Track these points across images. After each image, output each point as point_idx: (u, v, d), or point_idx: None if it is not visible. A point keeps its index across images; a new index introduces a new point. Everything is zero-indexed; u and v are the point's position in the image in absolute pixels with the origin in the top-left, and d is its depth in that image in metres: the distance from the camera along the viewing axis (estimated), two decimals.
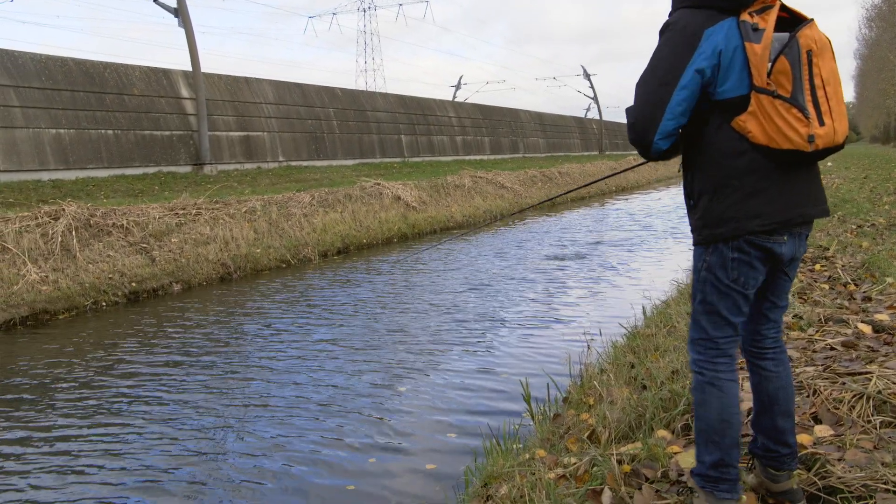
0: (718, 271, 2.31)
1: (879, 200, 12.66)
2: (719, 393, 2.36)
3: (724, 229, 2.26)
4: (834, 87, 2.17)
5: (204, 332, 7.64)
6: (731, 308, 2.34)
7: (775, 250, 2.27)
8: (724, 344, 2.37)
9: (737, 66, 2.17)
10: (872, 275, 6.11)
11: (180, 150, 20.46)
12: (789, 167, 2.23)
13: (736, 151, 2.21)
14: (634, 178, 33.92)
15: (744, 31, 2.16)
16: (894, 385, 3.18)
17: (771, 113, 2.13)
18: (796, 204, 2.27)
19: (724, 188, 2.25)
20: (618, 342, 5.51)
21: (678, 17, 2.25)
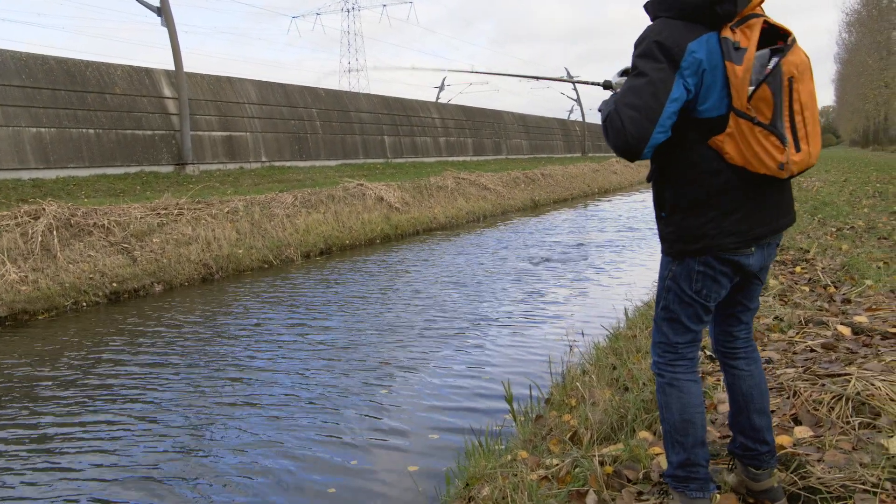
0: (683, 283, 2.35)
1: (858, 203, 12.79)
2: (679, 393, 2.41)
3: (698, 245, 2.28)
4: (812, 111, 2.17)
5: (186, 332, 7.60)
6: (692, 317, 2.38)
7: (743, 262, 2.30)
8: (682, 348, 2.42)
9: (717, 85, 2.17)
10: (852, 277, 6.18)
11: (162, 150, 20.34)
12: (763, 186, 2.24)
13: (712, 170, 2.22)
14: (617, 180, 34.09)
15: (725, 49, 2.14)
16: (873, 387, 3.21)
17: (749, 138, 2.14)
18: (768, 219, 2.30)
19: (699, 206, 2.26)
20: (600, 344, 5.53)
21: (660, 27, 2.21)
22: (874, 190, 15.68)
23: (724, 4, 2.14)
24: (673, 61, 2.14)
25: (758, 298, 2.53)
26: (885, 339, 4.15)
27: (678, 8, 2.20)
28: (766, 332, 4.64)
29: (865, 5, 69.37)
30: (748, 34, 2.14)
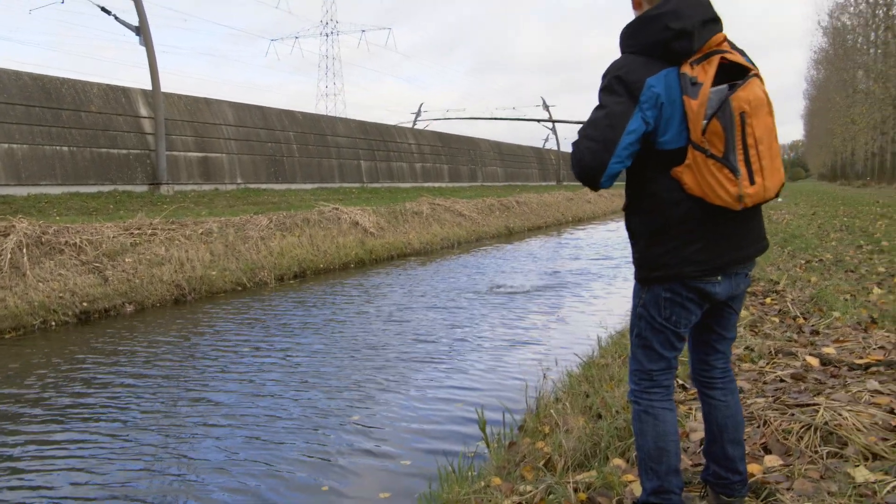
0: (652, 310, 2.42)
1: (827, 237, 13.02)
2: (654, 421, 2.46)
3: (659, 273, 2.37)
4: (768, 144, 2.23)
5: (159, 352, 7.53)
6: (664, 344, 2.44)
7: (709, 290, 2.36)
8: (657, 375, 2.48)
9: (676, 118, 2.25)
10: (820, 309, 6.29)
11: (137, 169, 20.22)
12: (725, 216, 2.30)
13: (673, 200, 2.30)
14: (591, 209, 34.38)
15: (683, 84, 2.23)
16: (840, 417, 3.27)
17: (703, 170, 2.22)
18: (731, 249, 2.36)
19: (661, 234, 2.35)
20: (573, 371, 5.56)
21: (623, 62, 2.32)
22: (841, 223, 15.97)
23: (681, 42, 2.24)
24: (632, 95, 2.24)
25: (734, 328, 2.58)
26: (852, 370, 4.23)
27: (640, 45, 2.30)
28: (737, 363, 4.71)
29: (832, 44, 71.01)
30: (706, 70, 2.23)
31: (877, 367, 4.21)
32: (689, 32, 2.24)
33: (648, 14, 2.29)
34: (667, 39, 2.24)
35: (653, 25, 2.27)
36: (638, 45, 2.31)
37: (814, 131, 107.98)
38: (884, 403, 3.47)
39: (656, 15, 2.27)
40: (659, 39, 2.25)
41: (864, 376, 4.06)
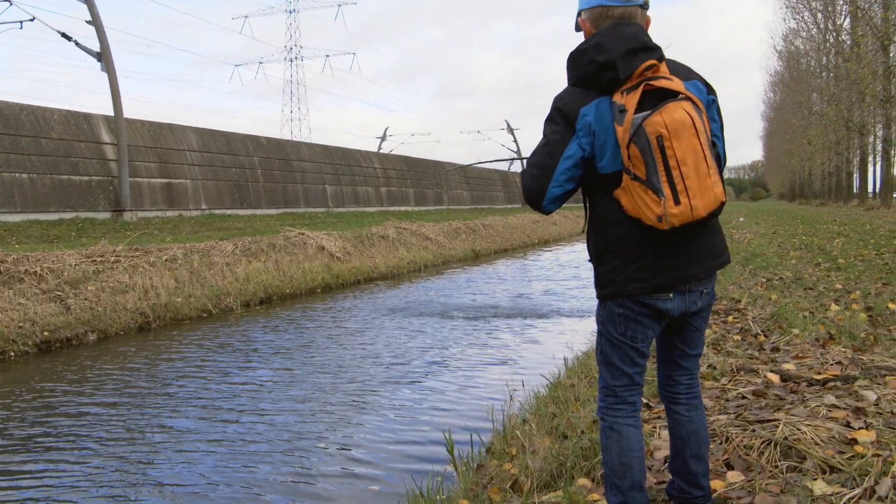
0: (609, 326, 2.51)
1: (787, 255, 13.27)
2: (619, 437, 2.52)
3: (608, 290, 2.48)
4: (694, 165, 2.27)
5: (121, 380, 7.43)
6: (624, 359, 2.51)
7: (660, 306, 2.43)
8: (621, 391, 2.54)
9: (610, 144, 2.35)
10: (780, 326, 6.41)
11: (99, 196, 20.00)
12: (665, 235, 2.35)
13: (615, 221, 2.41)
14: (557, 230, 34.65)
15: (613, 112, 2.33)
16: (799, 432, 3.35)
17: (632, 192, 2.32)
18: (675, 267, 2.42)
19: (606, 254, 2.46)
20: (540, 393, 5.61)
21: (562, 94, 2.47)
22: (800, 242, 16.29)
23: (606, 73, 2.35)
24: (569, 124, 2.39)
25: (697, 345, 2.64)
26: (811, 385, 4.32)
27: (575, 77, 2.45)
28: (700, 380, 4.78)
29: (787, 68, 72.76)
30: (632, 97, 2.31)
31: (834, 382, 4.31)
32: (613, 63, 2.33)
33: (578, 49, 2.45)
34: (594, 71, 2.37)
35: (581, 59, 2.41)
36: (574, 77, 2.46)
37: (772, 152, 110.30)
38: (840, 417, 3.55)
39: (583, 50, 2.42)
40: (588, 72, 2.39)
41: (822, 391, 4.15)
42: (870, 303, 7.32)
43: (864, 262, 11.09)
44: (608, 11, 2.43)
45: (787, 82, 73.66)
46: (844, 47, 46.55)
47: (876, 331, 5.98)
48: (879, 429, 3.38)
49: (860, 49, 39.40)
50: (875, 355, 5.06)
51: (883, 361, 4.75)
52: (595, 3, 2.45)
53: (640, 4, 2.45)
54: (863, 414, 3.60)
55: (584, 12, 2.51)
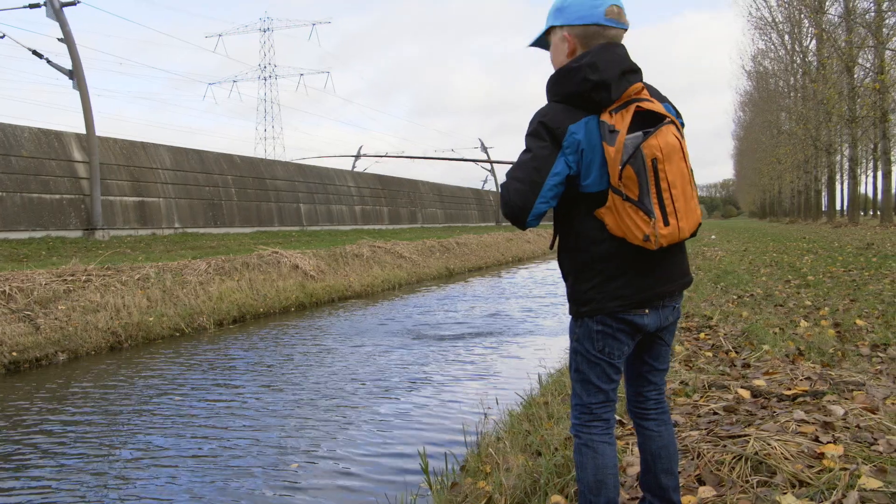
0: (586, 343, 2.52)
1: (757, 272, 13.45)
2: (594, 454, 2.54)
3: (587, 308, 2.49)
4: (682, 188, 2.37)
5: (94, 398, 7.34)
6: (601, 376, 2.53)
7: (637, 322, 2.48)
8: (597, 409, 2.56)
9: (597, 163, 2.38)
10: (751, 342, 6.50)
11: (71, 215, 19.80)
12: (644, 254, 2.43)
13: (598, 239, 2.43)
14: (531, 248, 34.80)
15: (602, 132, 2.36)
16: (769, 447, 3.40)
17: (621, 211, 2.36)
18: (653, 285, 2.48)
19: (587, 271, 2.48)
20: (514, 410, 5.63)
21: (547, 110, 2.45)
22: (771, 259, 16.52)
23: (600, 93, 2.38)
24: (556, 141, 2.38)
25: (666, 360, 2.70)
26: (781, 400, 4.39)
27: (562, 94, 2.44)
28: (672, 397, 4.84)
29: (756, 88, 74.02)
30: (623, 118, 2.36)
31: (803, 397, 4.38)
32: (608, 84, 2.37)
33: (569, 66, 2.43)
34: (586, 90, 2.38)
35: (573, 77, 2.40)
36: (561, 94, 2.44)
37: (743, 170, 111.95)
38: (809, 432, 3.61)
39: (576, 67, 2.40)
40: (579, 90, 2.39)
41: (791, 406, 4.21)
42: (838, 319, 7.44)
43: (833, 279, 11.27)
44: (604, 31, 2.46)
45: (757, 102, 74.98)
46: (811, 68, 47.52)
47: (844, 346, 6.09)
48: (847, 443, 3.44)
49: (826, 70, 40.21)
50: (843, 370, 5.15)
51: (850, 376, 4.85)
52: (592, 21, 2.46)
53: (625, 29, 2.51)
54: (831, 428, 3.67)
55: (573, 28, 2.49)
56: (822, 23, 40.02)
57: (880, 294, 9.15)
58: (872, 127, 40.45)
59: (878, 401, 4.16)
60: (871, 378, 4.86)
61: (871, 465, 3.19)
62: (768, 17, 54.12)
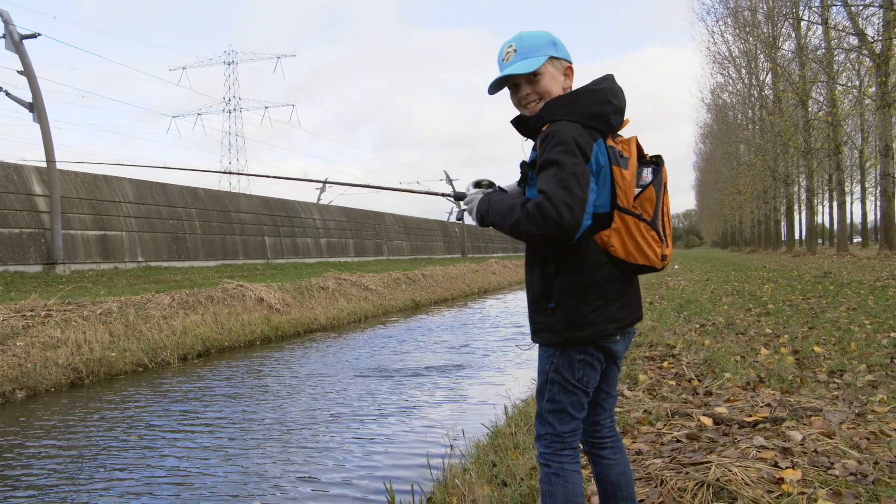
0: (566, 372, 2.53)
1: (719, 301, 13.66)
2: (564, 483, 2.55)
3: (586, 333, 2.48)
4: (669, 217, 2.58)
5: (54, 435, 7.20)
6: (576, 405, 2.57)
7: (613, 349, 2.56)
8: (568, 437, 2.58)
9: (606, 185, 2.45)
10: (713, 370, 6.61)
11: (30, 249, 19.51)
12: (634, 277, 2.58)
13: (600, 262, 2.48)
14: (497, 280, 34.91)
15: (612, 156, 2.45)
16: (730, 472, 3.47)
17: (634, 232, 2.44)
18: (636, 308, 2.62)
19: (588, 294, 2.49)
20: (480, 441, 5.65)
21: (570, 127, 2.41)
22: (732, 288, 16.80)
23: (616, 117, 2.50)
24: (586, 157, 2.38)
25: (616, 385, 2.77)
26: (742, 427, 4.47)
27: (580, 114, 2.45)
28: (635, 426, 4.90)
29: (716, 120, 75.59)
30: (628, 147, 2.50)
31: (763, 423, 4.48)
32: (623, 111, 2.53)
33: (590, 87, 2.51)
34: (607, 112, 2.46)
35: (596, 97, 2.48)
36: (577, 114, 2.45)
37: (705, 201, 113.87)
38: (769, 458, 3.69)
39: (599, 89, 2.49)
40: (601, 111, 2.46)
41: (752, 433, 4.30)
42: (797, 346, 7.61)
43: (792, 307, 11.50)
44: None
45: (717, 134, 76.55)
46: (767, 101, 48.70)
47: (802, 373, 6.22)
48: (805, 467, 3.53)
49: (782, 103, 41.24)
50: (802, 397, 5.27)
51: (808, 402, 4.96)
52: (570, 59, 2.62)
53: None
54: (790, 454, 3.75)
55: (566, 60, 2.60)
56: (777, 58, 41.19)
57: (837, 321, 9.36)
58: (827, 158, 41.56)
59: (834, 426, 4.26)
60: (828, 403, 4.97)
61: (827, 488, 3.27)
62: (726, 52, 55.58)
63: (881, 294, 12.51)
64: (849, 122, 44.04)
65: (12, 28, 20.88)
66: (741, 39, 50.40)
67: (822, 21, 32.63)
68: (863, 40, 28.06)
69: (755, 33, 45.28)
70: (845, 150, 38.58)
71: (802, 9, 35.53)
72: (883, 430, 4.19)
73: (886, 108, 28.01)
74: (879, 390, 5.41)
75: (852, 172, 58.51)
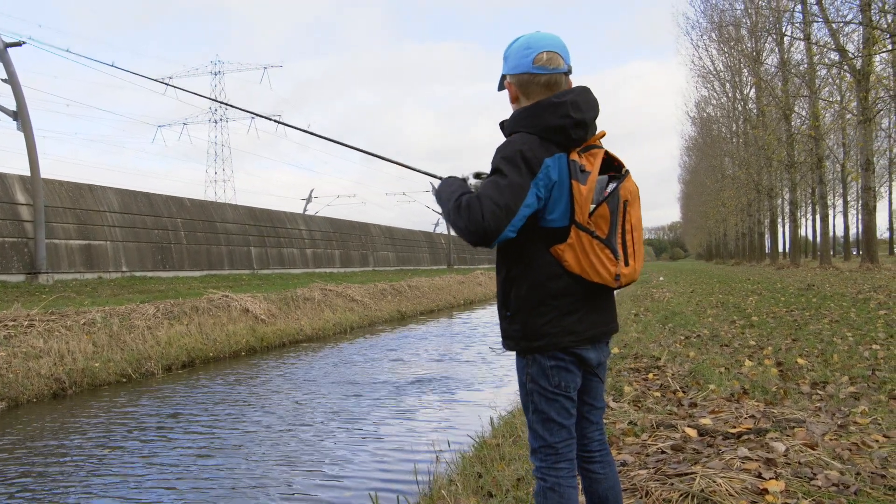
0: (541, 380, 2.53)
1: (704, 313, 13.74)
2: (559, 498, 2.52)
3: (541, 343, 2.50)
4: (638, 233, 2.54)
5: (35, 447, 7.14)
6: (561, 412, 2.54)
7: (584, 356, 2.54)
8: (562, 448, 2.55)
9: (563, 199, 2.44)
10: (698, 382, 6.65)
11: (13, 258, 19.36)
12: (596, 292, 2.54)
13: (554, 274, 2.47)
14: (482, 291, 34.94)
15: (573, 170, 2.43)
16: (714, 483, 3.50)
17: (587, 249, 2.43)
18: (600, 323, 2.58)
19: (542, 306, 2.50)
20: (466, 453, 5.65)
21: (523, 139, 2.45)
22: (717, 300, 16.90)
23: (577, 131, 2.46)
24: (532, 171, 2.39)
25: (602, 398, 2.75)
26: (726, 438, 4.50)
27: (539, 126, 2.46)
28: (621, 437, 4.92)
29: (700, 133, 76.14)
30: (592, 161, 2.47)
31: (747, 434, 4.51)
32: (586, 124, 2.48)
33: (551, 101, 2.48)
34: (566, 126, 2.44)
35: (555, 111, 2.45)
36: (536, 126, 2.46)
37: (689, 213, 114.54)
38: (753, 469, 3.72)
39: (560, 103, 2.46)
40: (559, 125, 2.44)
41: (736, 444, 4.33)
42: (780, 358, 7.66)
43: (776, 319, 11.58)
44: (535, 79, 2.53)
45: (701, 147, 77.03)
46: (751, 115, 49.14)
47: (786, 385, 6.27)
48: (788, 478, 3.56)
49: (765, 117, 41.63)
50: (785, 408, 5.31)
51: (792, 414, 4.99)
52: (522, 70, 2.54)
53: (565, 72, 2.57)
54: (773, 465, 3.78)
55: (510, 77, 2.60)
56: (760, 73, 41.61)
57: (820, 333, 9.44)
58: (810, 172, 41.93)
59: (817, 437, 4.30)
60: (811, 415, 5.02)
61: (810, 499, 3.30)
62: (710, 66, 55.99)
63: (863, 307, 12.62)
64: (831, 137, 44.48)
65: None
66: (725, 54, 50.88)
67: (804, 37, 32.98)
68: (843, 56, 28.37)
69: (739, 48, 45.69)
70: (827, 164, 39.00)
71: (785, 24, 35.92)
72: (865, 441, 4.23)
73: (867, 123, 28.32)
74: (861, 402, 5.47)
75: (834, 186, 59.04)
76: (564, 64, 2.56)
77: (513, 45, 2.62)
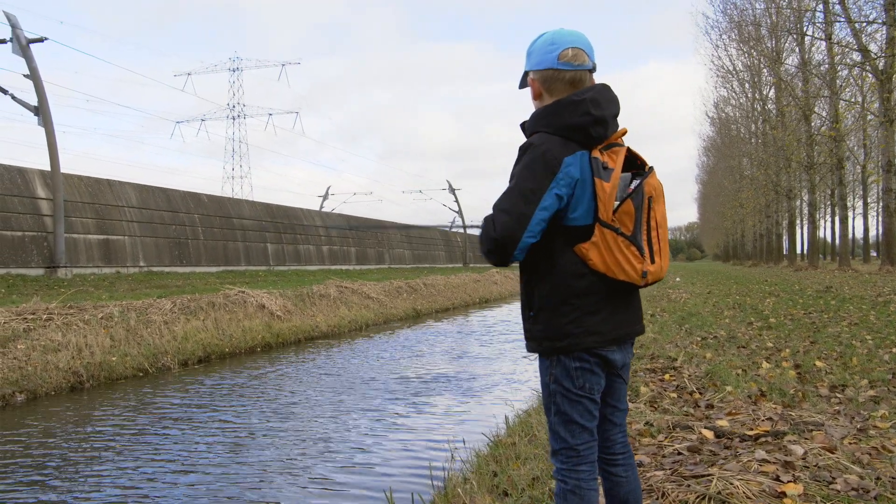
0: (566, 382, 2.50)
1: (721, 314, 13.65)
2: (580, 501, 2.49)
3: (564, 343, 2.47)
4: (663, 230, 2.50)
5: (54, 440, 7.20)
6: (584, 414, 2.51)
7: (609, 357, 2.51)
8: (584, 450, 2.52)
9: (586, 198, 2.41)
10: (714, 384, 6.60)
11: (33, 252, 19.53)
12: (621, 292, 2.50)
13: (578, 273, 2.44)
14: (498, 290, 34.89)
15: (595, 167, 2.41)
16: (732, 486, 3.47)
17: (612, 246, 2.40)
18: (625, 324, 2.54)
19: (564, 305, 2.46)
20: (481, 451, 5.64)
21: (539, 140, 2.44)
22: (734, 302, 16.78)
23: (597, 128, 2.43)
24: (551, 172, 2.37)
25: (625, 399, 2.72)
26: (743, 441, 4.47)
27: (557, 126, 2.45)
28: (637, 437, 4.90)
29: (719, 133, 75.64)
30: (614, 158, 2.44)
31: (765, 437, 4.47)
32: (606, 121, 2.45)
33: (571, 99, 2.46)
34: (586, 124, 2.42)
35: (575, 109, 2.43)
36: (556, 126, 2.45)
37: (707, 214, 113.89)
38: (770, 471, 3.69)
39: (580, 101, 2.44)
40: (579, 123, 2.42)
41: (753, 446, 4.29)
42: (798, 360, 7.60)
43: (794, 321, 11.49)
44: (559, 75, 2.51)
45: (720, 147, 76.53)
46: (771, 116, 48.78)
47: (804, 387, 6.21)
48: (806, 482, 3.52)
49: (785, 118, 41.31)
50: (803, 411, 5.26)
51: (810, 417, 4.95)
52: (546, 66, 2.51)
53: (590, 69, 2.54)
54: (791, 468, 3.74)
55: (533, 73, 2.58)
56: (780, 73, 41.27)
57: (838, 336, 9.35)
58: (829, 173, 41.60)
59: (836, 440, 4.26)
60: (830, 418, 4.97)
61: (829, 503, 3.26)
62: (729, 66, 55.61)
63: (883, 309, 12.50)
64: (851, 138, 44.14)
65: (19, 32, 20.96)
66: (745, 53, 50.51)
67: (825, 36, 32.69)
68: (866, 56, 28.10)
69: (759, 48, 45.36)
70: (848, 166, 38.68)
71: (806, 24, 35.62)
72: (885, 445, 4.19)
73: (889, 125, 28.03)
74: (881, 406, 5.41)
75: (854, 188, 58.56)
76: (589, 61, 2.53)
77: (537, 42, 2.59)
